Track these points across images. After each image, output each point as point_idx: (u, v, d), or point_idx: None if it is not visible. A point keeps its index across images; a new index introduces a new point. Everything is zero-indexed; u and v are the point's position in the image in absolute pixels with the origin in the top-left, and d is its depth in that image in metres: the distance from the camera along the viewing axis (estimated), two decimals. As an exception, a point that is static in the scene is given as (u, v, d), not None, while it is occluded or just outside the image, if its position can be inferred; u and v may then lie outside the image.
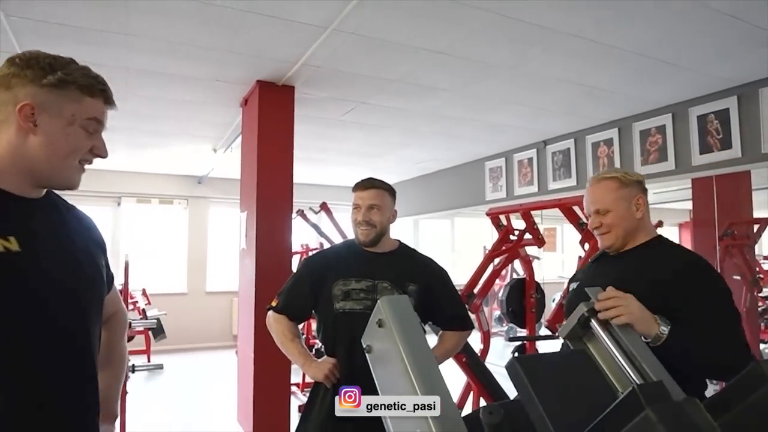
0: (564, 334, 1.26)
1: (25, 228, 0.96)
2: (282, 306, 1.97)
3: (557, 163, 5.48)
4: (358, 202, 1.96)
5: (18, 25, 2.98)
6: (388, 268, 1.91)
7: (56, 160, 0.99)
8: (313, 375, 1.81)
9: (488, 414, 0.66)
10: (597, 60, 3.44)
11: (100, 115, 1.04)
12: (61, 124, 0.98)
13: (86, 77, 1.02)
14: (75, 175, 1.04)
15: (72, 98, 0.99)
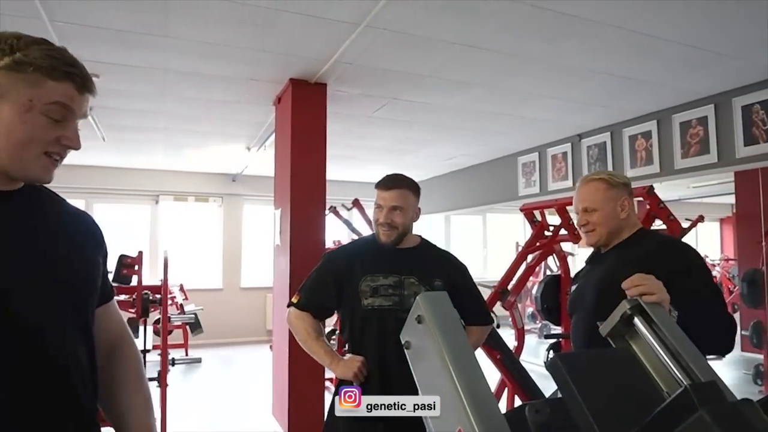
0: (606, 332, 1.24)
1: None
2: (305, 302, 1.90)
3: (592, 157, 5.37)
4: (380, 202, 1.90)
5: (62, 30, 3.08)
6: (414, 263, 1.88)
7: (14, 150, 0.88)
8: (342, 373, 1.76)
9: (534, 412, 0.65)
10: (635, 50, 3.35)
11: (67, 100, 0.90)
12: (18, 111, 0.87)
13: (48, 58, 0.88)
14: (38, 168, 0.91)
15: (30, 82, 0.87)
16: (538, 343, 7.00)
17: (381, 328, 1.77)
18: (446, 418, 0.86)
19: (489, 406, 0.83)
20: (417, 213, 1.95)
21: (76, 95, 0.91)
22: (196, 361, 6.58)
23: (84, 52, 3.49)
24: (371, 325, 1.79)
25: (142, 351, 3.65)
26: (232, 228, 8.44)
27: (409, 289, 1.81)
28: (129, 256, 3.91)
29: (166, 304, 3.72)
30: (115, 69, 3.70)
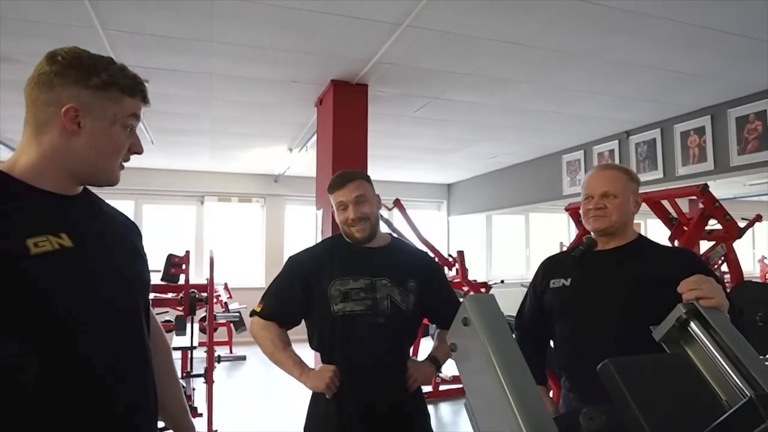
0: (659, 337, 1.19)
1: (73, 224, 0.96)
2: (270, 311, 1.75)
3: (641, 154, 5.19)
4: (342, 200, 1.74)
5: (114, 38, 3.20)
6: (386, 263, 1.74)
7: (101, 160, 1.00)
8: (314, 386, 1.65)
9: (589, 419, 0.63)
10: (687, 43, 3.22)
11: (138, 111, 1.05)
12: (105, 125, 0.98)
13: (127, 78, 1.02)
14: (117, 174, 1.04)
15: (114, 99, 0.99)
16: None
17: (353, 335, 1.67)
18: (494, 421, 0.84)
19: (538, 410, 0.81)
20: (378, 201, 1.83)
21: (141, 106, 1.05)
22: (240, 359, 6.73)
23: (134, 58, 3.65)
24: (342, 332, 1.67)
25: (188, 348, 3.77)
26: (274, 228, 8.59)
27: (382, 292, 1.69)
28: (177, 256, 4.04)
29: (212, 302, 3.82)
30: (163, 74, 3.83)
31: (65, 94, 0.95)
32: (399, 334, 1.74)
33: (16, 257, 0.85)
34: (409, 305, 1.72)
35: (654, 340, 1.14)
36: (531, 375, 0.86)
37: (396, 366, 1.71)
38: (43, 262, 0.88)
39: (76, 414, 0.92)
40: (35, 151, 0.96)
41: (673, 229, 3.24)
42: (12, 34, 3.14)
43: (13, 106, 4.63)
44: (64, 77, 0.95)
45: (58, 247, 0.90)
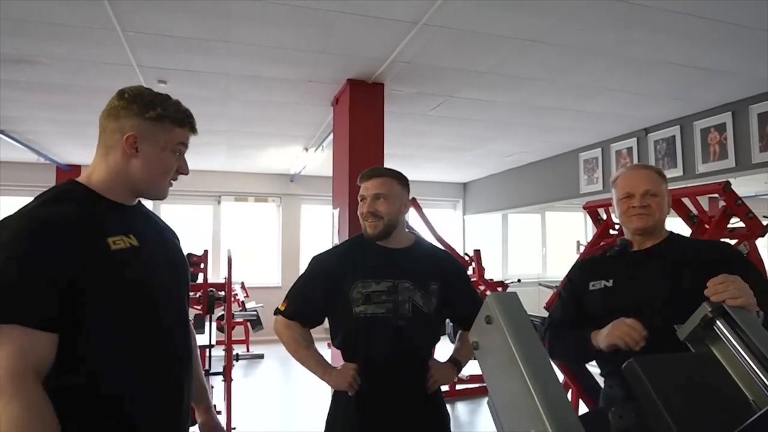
0: (684, 336, 1.18)
1: (136, 228, 1.18)
2: (293, 311, 1.77)
3: (660, 152, 5.12)
4: (363, 193, 1.76)
5: (133, 39, 3.24)
6: (408, 266, 1.74)
7: (152, 179, 1.22)
8: (336, 384, 1.69)
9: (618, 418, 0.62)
10: (708, 38, 3.17)
11: (186, 140, 1.25)
12: (157, 151, 1.19)
13: (178, 112, 1.22)
14: (165, 191, 1.27)
15: (166, 129, 1.20)
16: (600, 346, 6.75)
17: (374, 337, 1.68)
18: (518, 420, 0.84)
19: (563, 408, 0.80)
20: (405, 205, 1.79)
21: (189, 135, 1.26)
22: (258, 357, 6.78)
23: (153, 59, 3.69)
24: (364, 334, 1.69)
25: (207, 346, 3.80)
26: (290, 227, 8.64)
27: (404, 295, 1.69)
28: (195, 255, 4.08)
29: (230, 301, 3.85)
30: (181, 75, 3.87)
31: (128, 124, 1.16)
32: (420, 337, 1.75)
33: (104, 250, 1.08)
34: (431, 308, 1.72)
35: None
36: (555, 374, 0.85)
37: (416, 367, 1.72)
38: (121, 255, 1.10)
39: (154, 353, 1.17)
40: (104, 169, 1.18)
41: (694, 227, 3.18)
42: (34, 37, 3.19)
43: (34, 108, 4.72)
44: (128, 110, 1.16)
45: (129, 246, 1.13)
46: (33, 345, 0.97)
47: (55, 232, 1.03)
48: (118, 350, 1.10)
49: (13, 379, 0.93)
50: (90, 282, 1.05)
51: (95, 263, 1.06)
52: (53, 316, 0.99)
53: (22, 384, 0.93)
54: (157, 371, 1.18)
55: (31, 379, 0.95)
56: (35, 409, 0.93)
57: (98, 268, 1.06)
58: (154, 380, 1.17)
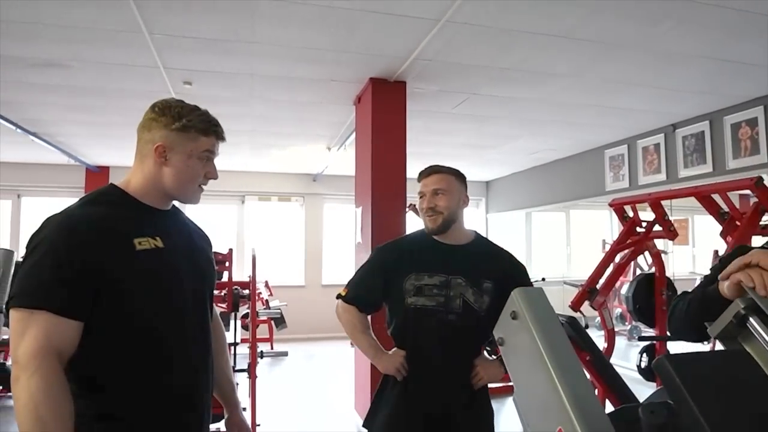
0: (715, 333, 1.14)
1: (164, 230, 1.28)
2: (352, 296, 1.88)
3: (689, 148, 5.01)
4: (422, 190, 1.84)
5: (159, 42, 3.30)
6: (463, 262, 1.78)
7: (181, 185, 1.30)
8: (384, 368, 1.77)
9: (650, 413, 0.61)
10: (739, 30, 3.09)
11: (212, 147, 1.33)
12: (184, 158, 1.28)
13: (203, 122, 1.30)
14: (195, 195, 1.36)
15: (192, 138, 1.28)
16: (627, 346, 6.64)
17: (423, 329, 1.74)
18: (545, 417, 0.83)
19: (592, 405, 0.79)
20: (464, 200, 1.86)
21: (216, 143, 1.34)
22: (282, 355, 6.83)
23: (178, 61, 3.74)
24: (413, 325, 1.76)
25: (231, 344, 3.84)
26: (313, 226, 8.69)
27: (455, 290, 1.74)
28: (220, 253, 4.12)
29: (255, 299, 3.88)
30: (206, 76, 3.92)
31: (158, 135, 1.26)
32: (470, 333, 1.77)
33: (129, 249, 1.18)
34: (482, 305, 1.75)
35: None
36: (583, 370, 0.84)
37: (463, 363, 1.77)
38: (144, 256, 1.20)
39: (169, 349, 1.23)
40: (140, 175, 1.29)
41: (724, 224, 3.11)
42: (65, 41, 3.27)
43: (65, 111, 4.84)
44: (158, 122, 1.26)
45: (154, 247, 1.22)
46: (58, 330, 1.07)
47: (87, 231, 1.14)
48: (132, 346, 1.18)
49: (36, 358, 1.03)
50: (114, 278, 1.15)
51: (120, 261, 1.16)
52: (78, 305, 1.10)
53: (44, 363, 1.04)
54: (169, 367, 1.23)
55: (52, 360, 1.05)
56: (52, 387, 1.04)
57: (122, 266, 1.16)
58: (166, 379, 1.23)
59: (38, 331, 1.05)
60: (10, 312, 1.09)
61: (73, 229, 1.14)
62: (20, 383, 1.03)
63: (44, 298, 1.07)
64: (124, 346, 1.17)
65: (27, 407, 1.01)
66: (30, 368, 1.03)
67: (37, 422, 1.01)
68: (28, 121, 5.15)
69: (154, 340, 1.21)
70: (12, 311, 1.08)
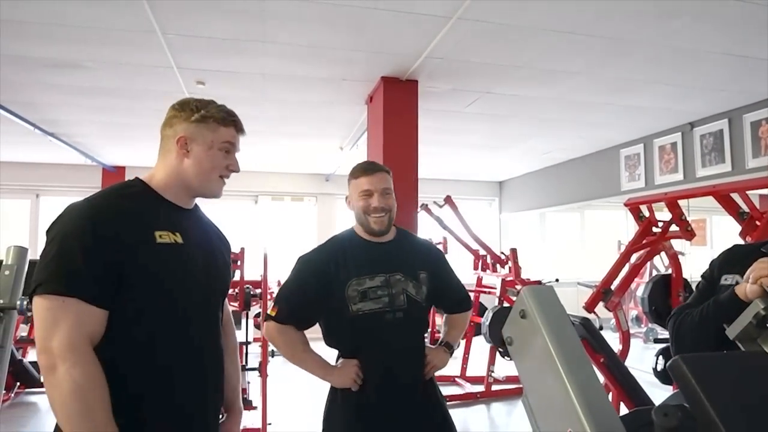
0: (734, 335, 1.11)
1: (184, 228, 1.28)
2: (286, 315, 1.71)
3: (707, 147, 4.92)
4: (368, 188, 1.75)
5: (172, 42, 3.32)
6: (396, 257, 1.77)
7: (203, 175, 1.31)
8: (341, 382, 1.70)
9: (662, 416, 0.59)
10: (757, 25, 3.02)
11: (232, 139, 1.34)
12: (205, 149, 1.29)
13: (221, 112, 1.32)
14: (217, 187, 1.36)
15: (211, 129, 1.30)
16: (643, 348, 6.55)
17: (372, 333, 1.70)
18: (555, 418, 0.81)
19: (602, 407, 0.77)
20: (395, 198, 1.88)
21: (236, 135, 1.36)
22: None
23: (191, 61, 3.76)
24: (362, 331, 1.69)
25: (243, 343, 3.86)
26: (326, 226, 8.69)
27: (397, 287, 1.72)
28: (233, 252, 4.14)
29: (266, 298, 3.89)
30: (218, 76, 3.94)
31: (179, 129, 1.29)
32: (416, 326, 1.80)
33: (150, 241, 1.19)
34: (422, 296, 1.77)
35: None
36: (594, 370, 0.82)
37: (415, 356, 1.78)
38: (164, 249, 1.21)
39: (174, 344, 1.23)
40: (163, 170, 1.31)
41: (744, 224, 3.04)
42: (80, 42, 3.31)
43: (81, 111, 4.89)
44: (178, 117, 1.30)
45: (174, 242, 1.23)
46: (89, 318, 1.09)
47: (112, 220, 1.16)
48: (146, 334, 1.18)
49: (74, 348, 1.05)
50: (135, 268, 1.15)
51: (141, 252, 1.17)
52: (106, 294, 1.12)
53: (82, 353, 1.06)
54: (174, 362, 1.23)
55: (89, 349, 1.07)
56: (95, 376, 1.07)
57: (143, 257, 1.17)
58: (171, 373, 1.22)
59: (74, 320, 1.06)
60: (35, 300, 1.08)
61: (98, 217, 1.15)
62: (59, 373, 1.03)
63: (76, 286, 1.08)
64: (133, 343, 1.17)
65: (73, 396, 1.02)
66: (70, 358, 1.04)
67: (88, 411, 1.03)
68: (47, 121, 5.22)
69: (161, 330, 1.20)
70: (40, 299, 1.07)
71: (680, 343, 1.42)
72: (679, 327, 1.41)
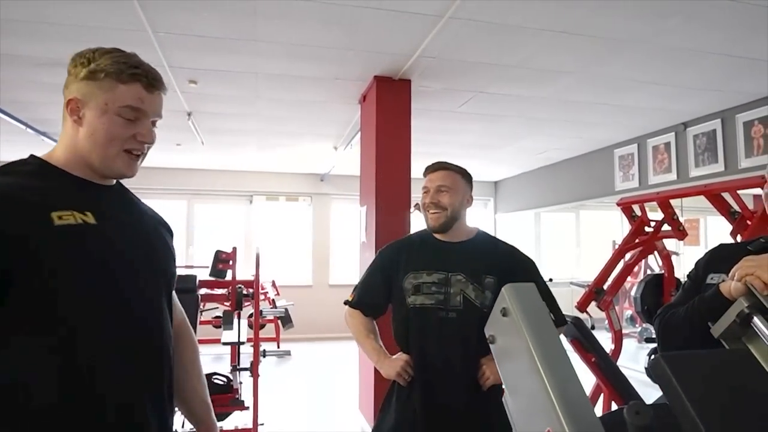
0: (718, 333, 1.11)
1: (98, 206, 1.02)
2: (357, 301, 1.87)
3: (700, 147, 4.93)
4: (426, 185, 1.82)
5: (164, 40, 3.30)
6: (463, 258, 1.75)
7: (99, 149, 1.02)
8: (386, 373, 1.73)
9: (634, 414, 0.58)
10: (750, 25, 3.02)
11: (137, 102, 1.02)
12: (98, 114, 1.00)
13: (115, 64, 1.01)
14: (122, 164, 1.04)
15: (105, 87, 1.00)
16: (637, 348, 6.56)
17: (424, 328, 1.71)
18: (534, 417, 0.80)
19: (581, 406, 0.76)
20: (469, 200, 1.84)
21: (145, 95, 1.03)
22: (285, 354, 6.84)
23: (183, 60, 3.74)
24: (414, 325, 1.72)
25: (236, 343, 3.83)
26: (320, 226, 8.69)
27: (456, 287, 1.70)
28: (224, 252, 4.13)
29: (258, 297, 3.87)
30: (211, 75, 3.92)
31: (72, 89, 1.02)
32: (472, 330, 1.67)
33: (45, 224, 0.93)
34: (484, 301, 1.69)
35: None
36: (574, 370, 0.81)
37: (468, 363, 1.70)
38: (66, 232, 0.95)
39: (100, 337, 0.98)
40: (62, 144, 1.06)
41: (735, 223, 3.05)
42: (69, 41, 3.28)
43: (73, 110, 4.86)
44: (71, 74, 1.03)
45: (81, 222, 0.97)
46: None
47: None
48: (48, 345, 0.94)
49: None
50: (28, 256, 0.91)
51: (34, 237, 0.92)
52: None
53: None
54: (92, 378, 0.97)
55: None
56: None
57: (37, 243, 0.93)
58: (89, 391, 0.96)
59: None
60: None
61: None
62: None
63: None
64: (39, 346, 0.93)
65: None
66: None
67: None
68: (38, 121, 5.20)
69: (79, 324, 0.96)
70: None
71: (666, 342, 1.42)
72: (664, 326, 1.41)
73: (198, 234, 8.33)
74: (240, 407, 3.35)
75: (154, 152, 1.16)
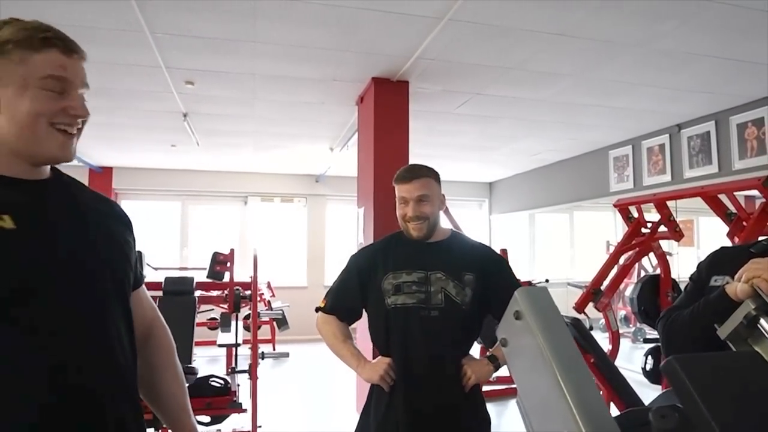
0: (725, 335, 1.12)
1: (18, 207, 0.86)
2: (330, 306, 1.83)
3: (694, 148, 4.97)
4: (404, 195, 1.75)
5: (161, 41, 3.29)
6: (441, 257, 1.73)
7: (24, 131, 0.87)
8: (368, 377, 1.68)
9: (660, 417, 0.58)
10: (744, 28, 3.05)
11: (59, 71, 0.89)
12: (17, 92, 0.86)
13: (21, 30, 0.88)
14: (52, 144, 0.90)
15: (18, 60, 0.86)
16: (631, 348, 6.60)
17: (405, 328, 1.67)
18: (549, 420, 0.80)
19: (598, 408, 0.76)
20: (442, 201, 1.81)
21: (66, 61, 0.90)
22: (284, 356, 6.80)
23: (181, 60, 3.73)
24: (396, 325, 1.69)
25: (233, 345, 3.82)
26: (316, 227, 8.67)
27: (436, 285, 1.68)
28: (222, 253, 4.11)
29: (256, 300, 3.86)
30: (208, 76, 3.91)
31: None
32: (455, 329, 1.69)
33: None
34: (465, 298, 1.68)
35: None
36: (589, 372, 0.81)
37: (451, 362, 1.69)
38: None
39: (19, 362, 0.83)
40: None
41: (731, 225, 3.07)
42: (66, 41, 3.26)
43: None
44: None
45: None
46: None
47: None
48: None
49: None
50: None
51: None
52: None
53: None
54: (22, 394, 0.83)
55: None
56: None
57: None
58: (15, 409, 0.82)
59: None
60: None
61: None
62: None
63: None
64: None
65: None
66: None
67: None
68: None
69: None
70: None
71: (671, 344, 1.42)
72: (669, 328, 1.42)
73: (192, 235, 8.30)
74: (238, 410, 3.34)
75: (148, 153, 1.05)
